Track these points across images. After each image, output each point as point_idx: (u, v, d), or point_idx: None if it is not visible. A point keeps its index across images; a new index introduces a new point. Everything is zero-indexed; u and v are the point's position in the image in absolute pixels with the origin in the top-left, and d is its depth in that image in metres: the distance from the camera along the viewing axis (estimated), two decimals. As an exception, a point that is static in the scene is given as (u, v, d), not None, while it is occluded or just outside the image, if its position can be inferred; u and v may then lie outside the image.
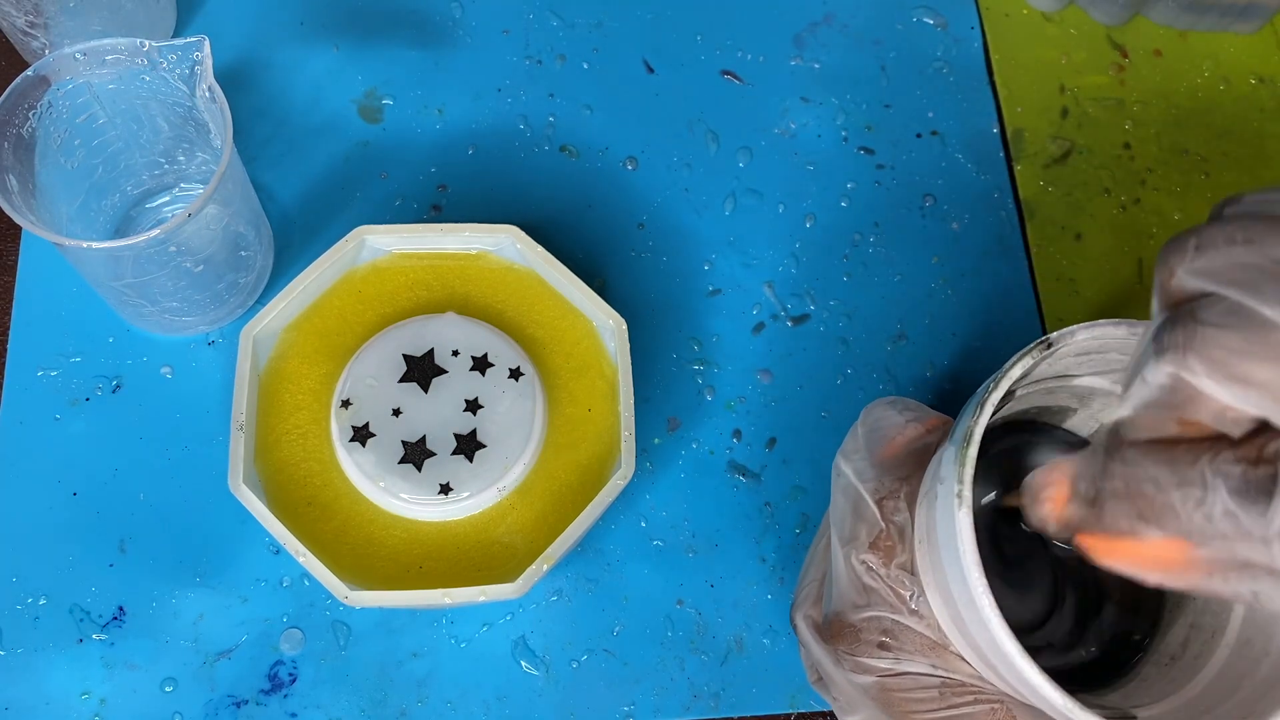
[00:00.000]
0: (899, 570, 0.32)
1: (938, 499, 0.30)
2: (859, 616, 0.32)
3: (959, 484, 0.29)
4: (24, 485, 0.41)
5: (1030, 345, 0.31)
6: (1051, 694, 0.27)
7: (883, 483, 0.33)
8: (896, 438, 0.34)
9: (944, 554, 0.29)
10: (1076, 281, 0.47)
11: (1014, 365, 0.30)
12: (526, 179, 0.47)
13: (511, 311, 0.40)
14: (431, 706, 0.39)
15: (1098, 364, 0.33)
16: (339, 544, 0.36)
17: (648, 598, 0.41)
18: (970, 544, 0.28)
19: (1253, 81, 0.51)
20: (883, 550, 0.32)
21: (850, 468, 0.34)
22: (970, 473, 0.29)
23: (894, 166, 0.48)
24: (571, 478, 0.37)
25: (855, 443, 0.35)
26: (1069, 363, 0.33)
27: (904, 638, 0.31)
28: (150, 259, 0.38)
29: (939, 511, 0.30)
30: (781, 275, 0.46)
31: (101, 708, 0.38)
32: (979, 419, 0.30)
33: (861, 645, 0.32)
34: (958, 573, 0.28)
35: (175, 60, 0.37)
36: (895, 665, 0.31)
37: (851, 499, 0.34)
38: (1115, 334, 0.31)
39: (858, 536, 0.33)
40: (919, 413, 0.35)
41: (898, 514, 0.32)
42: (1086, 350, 0.32)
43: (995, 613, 0.27)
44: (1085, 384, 0.34)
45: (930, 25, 0.51)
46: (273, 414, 0.38)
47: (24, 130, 0.37)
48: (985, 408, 0.30)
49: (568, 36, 0.50)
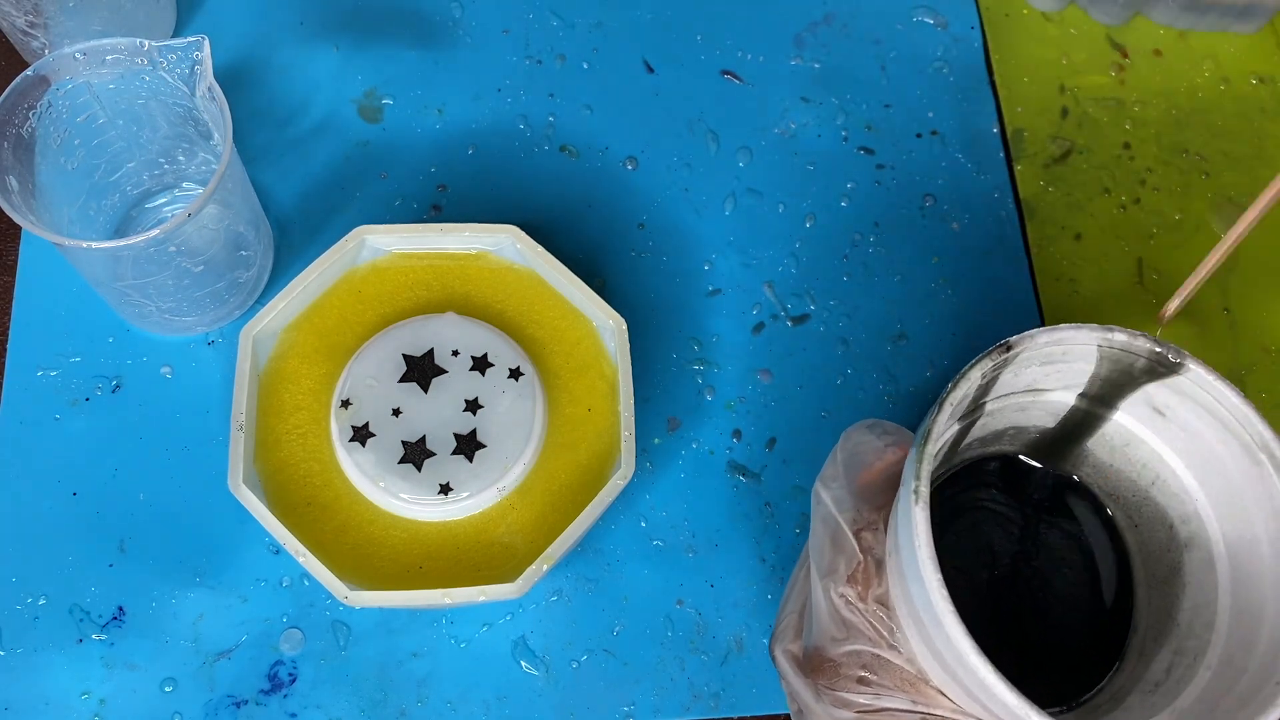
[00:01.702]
0: (876, 604, 0.32)
1: (900, 502, 0.30)
2: (838, 651, 0.32)
3: (916, 480, 0.28)
4: (24, 485, 0.41)
5: (989, 348, 0.30)
6: (1009, 698, 0.27)
7: (860, 512, 0.33)
8: (875, 464, 0.34)
9: (904, 557, 0.29)
10: (1076, 281, 0.47)
11: (973, 367, 0.30)
12: (526, 179, 0.47)
13: (511, 311, 0.40)
14: (431, 706, 0.39)
15: (1065, 376, 0.33)
16: (339, 544, 0.36)
17: (648, 598, 0.41)
18: (926, 538, 0.28)
19: (1253, 81, 0.51)
20: (860, 582, 0.32)
21: (829, 495, 0.34)
22: (928, 470, 0.29)
23: (894, 166, 0.48)
24: (571, 478, 0.37)
25: (834, 469, 0.34)
26: (1035, 373, 0.32)
27: (883, 672, 0.31)
28: (150, 259, 0.38)
29: (899, 516, 0.30)
30: (781, 275, 0.46)
31: (101, 708, 0.38)
32: (937, 417, 0.29)
33: (841, 680, 0.32)
34: (915, 572, 0.28)
35: (175, 60, 0.37)
36: (875, 700, 0.31)
37: (830, 529, 0.33)
38: (1077, 338, 0.31)
39: (836, 569, 0.32)
40: (898, 436, 0.34)
41: (876, 546, 0.32)
42: (1051, 358, 0.32)
43: (949, 607, 0.27)
44: (1057, 399, 0.34)
45: (930, 25, 0.51)
46: (273, 414, 0.38)
47: (24, 130, 0.37)
48: (944, 407, 0.30)
49: (568, 36, 0.50)
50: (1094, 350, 0.31)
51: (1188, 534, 0.34)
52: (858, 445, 0.34)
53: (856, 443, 0.34)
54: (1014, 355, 0.31)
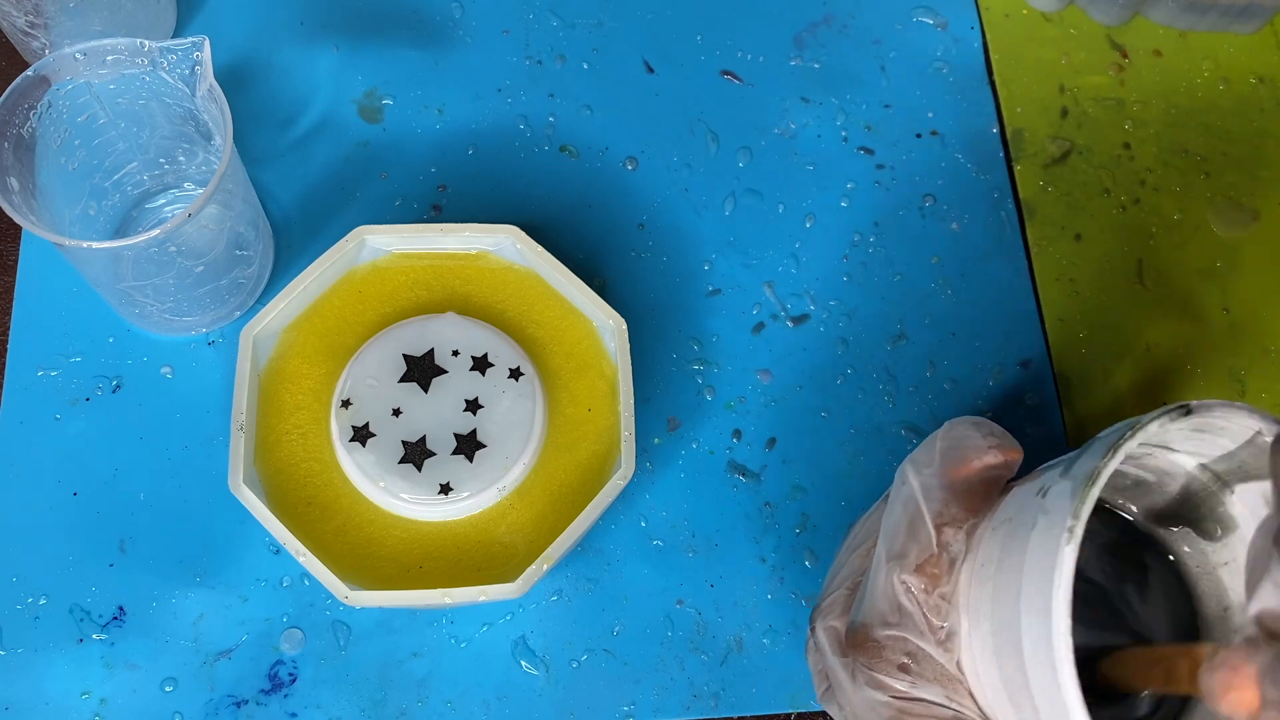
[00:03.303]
0: (940, 599, 0.31)
1: (1034, 529, 0.29)
2: (885, 633, 0.31)
3: (1073, 519, 0.27)
4: (24, 485, 0.41)
5: (1170, 406, 0.30)
6: None
7: (949, 508, 0.32)
8: (974, 462, 0.33)
9: (1024, 587, 0.28)
10: (1076, 281, 0.47)
11: (1153, 420, 0.29)
12: (526, 179, 0.47)
13: (511, 311, 0.40)
14: (431, 706, 0.39)
15: (1205, 445, 0.32)
16: (339, 544, 0.36)
17: (648, 598, 0.41)
18: (1067, 580, 0.27)
19: (1253, 81, 0.51)
20: (928, 576, 0.31)
21: (918, 481, 0.33)
22: (1087, 512, 0.28)
23: (894, 166, 0.48)
24: (571, 478, 0.38)
25: (929, 455, 0.33)
26: (1179, 433, 0.31)
27: (925, 665, 0.31)
28: (150, 259, 0.38)
29: (1033, 542, 0.28)
30: (781, 275, 0.46)
31: (101, 708, 0.38)
32: (1109, 460, 0.28)
33: (882, 663, 0.31)
34: (1037, 605, 0.27)
35: (175, 60, 0.37)
36: (911, 689, 0.31)
37: (910, 514, 0.32)
38: (1246, 424, 0.30)
39: (907, 554, 0.32)
40: (1004, 440, 0.33)
41: (954, 544, 0.31)
42: (1205, 428, 0.30)
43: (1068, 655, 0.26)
44: (1179, 461, 0.33)
45: (930, 25, 0.51)
46: (273, 414, 0.38)
47: (24, 130, 0.37)
48: (1118, 452, 0.28)
49: (568, 36, 0.50)
50: (1249, 433, 0.31)
51: (1242, 622, 0.33)
52: (960, 439, 0.33)
53: (960, 435, 0.33)
54: (1191, 421, 0.30)
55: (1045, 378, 0.45)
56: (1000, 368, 0.45)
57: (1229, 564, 0.33)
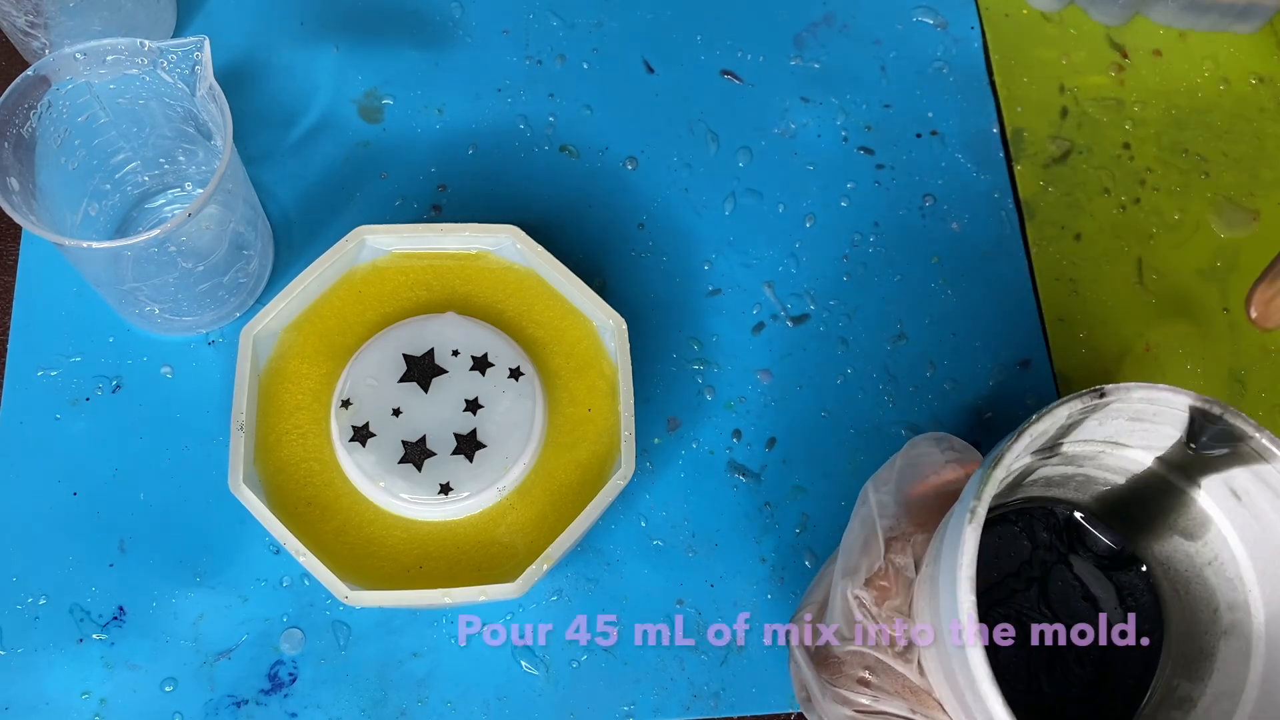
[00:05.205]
0: (892, 611, 0.31)
1: (951, 519, 0.29)
2: (845, 649, 0.32)
3: (975, 500, 0.28)
4: (24, 485, 0.41)
5: (1083, 391, 0.30)
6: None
7: (899, 522, 0.33)
8: (931, 476, 0.33)
9: (943, 570, 0.29)
10: (1076, 281, 0.47)
11: (1061, 405, 0.30)
12: (526, 179, 0.47)
13: (511, 311, 0.40)
14: (431, 706, 0.39)
15: (1150, 436, 0.32)
16: (339, 544, 0.36)
17: (648, 598, 0.41)
18: (970, 558, 0.27)
19: (1253, 81, 0.51)
20: (877, 589, 0.32)
21: (875, 499, 0.33)
22: (990, 493, 0.28)
23: (894, 166, 0.48)
24: (571, 478, 0.38)
25: (889, 473, 0.34)
26: (1120, 426, 0.32)
27: (886, 677, 0.31)
28: (150, 259, 0.38)
29: (948, 530, 0.29)
30: (781, 275, 0.46)
31: (101, 708, 0.38)
32: (1013, 445, 0.29)
33: (843, 678, 0.32)
34: (951, 589, 0.28)
35: (175, 60, 0.37)
36: (874, 703, 0.31)
37: (866, 530, 0.33)
38: (1173, 401, 0.30)
39: (858, 570, 0.32)
40: (963, 455, 0.34)
41: (901, 556, 0.32)
42: (1141, 415, 0.31)
43: (974, 629, 0.27)
44: (1133, 457, 0.33)
45: (930, 25, 0.51)
46: (273, 414, 0.38)
47: (24, 130, 0.37)
48: (1023, 436, 0.29)
49: (568, 36, 0.50)
50: (1185, 416, 0.31)
51: (1231, 621, 0.33)
52: (918, 456, 0.34)
53: (918, 453, 0.34)
54: (1105, 403, 0.30)
55: (1045, 378, 0.45)
56: (1000, 368, 0.45)
57: (1212, 563, 0.34)
